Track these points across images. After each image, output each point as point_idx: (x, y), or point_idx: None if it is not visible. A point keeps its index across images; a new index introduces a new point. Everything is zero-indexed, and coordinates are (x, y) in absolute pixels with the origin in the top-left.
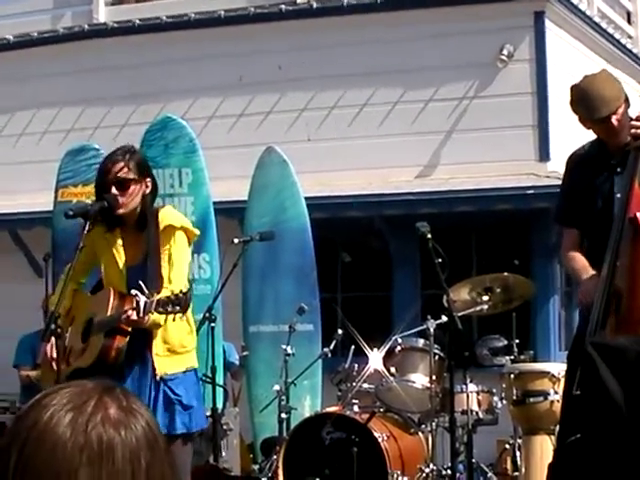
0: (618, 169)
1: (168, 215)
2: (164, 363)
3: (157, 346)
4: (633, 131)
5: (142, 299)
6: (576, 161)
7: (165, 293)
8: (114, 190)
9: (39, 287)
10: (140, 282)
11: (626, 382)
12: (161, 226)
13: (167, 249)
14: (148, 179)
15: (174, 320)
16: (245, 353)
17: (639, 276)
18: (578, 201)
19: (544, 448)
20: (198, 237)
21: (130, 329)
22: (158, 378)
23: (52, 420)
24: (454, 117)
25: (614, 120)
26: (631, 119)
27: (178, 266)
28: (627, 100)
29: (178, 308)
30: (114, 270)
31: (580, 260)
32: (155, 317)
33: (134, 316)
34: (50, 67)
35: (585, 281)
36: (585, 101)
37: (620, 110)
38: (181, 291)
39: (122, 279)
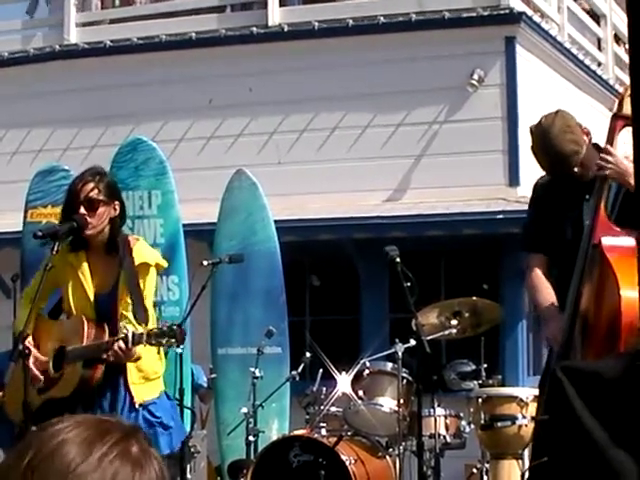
0: (587, 196)
1: (142, 251)
2: (141, 391)
3: (132, 375)
4: (599, 162)
5: (130, 330)
6: (544, 188)
7: (157, 325)
8: (82, 210)
9: (7, 308)
10: (123, 312)
11: (603, 408)
12: (136, 261)
13: (142, 288)
14: (116, 202)
15: (166, 354)
16: (213, 375)
17: (604, 300)
18: (547, 229)
19: (512, 472)
20: (167, 259)
21: (112, 359)
22: (137, 405)
23: (69, 452)
24: (424, 141)
25: (576, 170)
26: (599, 149)
27: (149, 303)
28: (588, 134)
29: (173, 340)
30: (81, 296)
31: (546, 293)
32: (139, 350)
33: (121, 345)
34: (20, 88)
35: (553, 323)
36: (546, 156)
37: (582, 156)
38: (173, 323)
39: (90, 306)
